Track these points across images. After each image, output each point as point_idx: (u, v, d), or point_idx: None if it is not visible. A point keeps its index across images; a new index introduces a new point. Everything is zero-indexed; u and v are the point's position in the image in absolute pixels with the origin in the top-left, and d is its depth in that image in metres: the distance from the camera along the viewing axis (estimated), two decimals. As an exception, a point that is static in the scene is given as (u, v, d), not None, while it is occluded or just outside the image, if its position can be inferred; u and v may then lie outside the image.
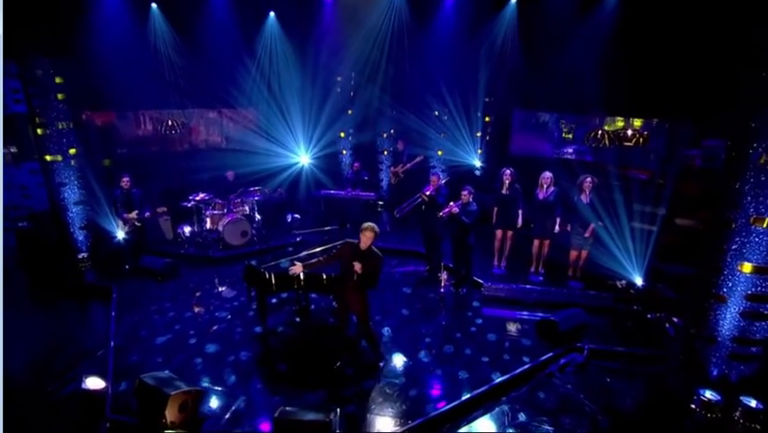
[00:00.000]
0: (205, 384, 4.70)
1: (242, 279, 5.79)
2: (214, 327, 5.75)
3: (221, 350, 5.32)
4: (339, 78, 9.77)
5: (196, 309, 5.68)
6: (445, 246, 6.83)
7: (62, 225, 6.99)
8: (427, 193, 6.77)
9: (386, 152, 10.11)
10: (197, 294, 6.68)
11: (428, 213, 6.62)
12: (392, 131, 9.82)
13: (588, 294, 6.53)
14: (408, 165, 9.17)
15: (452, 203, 6.49)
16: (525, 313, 6.24)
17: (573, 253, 6.94)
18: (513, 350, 5.35)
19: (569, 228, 6.77)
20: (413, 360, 5.18)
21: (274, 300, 6.58)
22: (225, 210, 8.27)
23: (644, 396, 4.75)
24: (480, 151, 9.61)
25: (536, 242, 7.02)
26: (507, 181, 6.92)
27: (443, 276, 6.48)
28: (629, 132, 8.08)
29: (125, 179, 7.22)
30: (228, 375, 4.83)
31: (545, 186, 6.79)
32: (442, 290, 6.46)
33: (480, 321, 5.98)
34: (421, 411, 4.40)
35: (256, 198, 8.45)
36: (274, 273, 5.41)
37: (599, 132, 8.44)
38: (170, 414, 4.14)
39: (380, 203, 9.88)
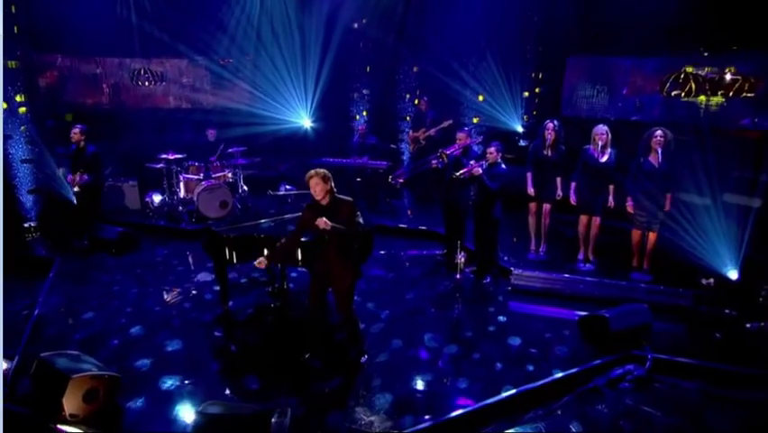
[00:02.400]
0: (133, 371, 4.41)
1: (203, 248, 5.46)
2: (169, 306, 5.57)
3: (164, 333, 5.05)
4: (355, 26, 9.59)
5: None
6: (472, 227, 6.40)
7: (6, 187, 6.86)
8: (447, 152, 6.23)
9: (408, 118, 9.79)
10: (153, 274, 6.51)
11: (451, 182, 6.13)
12: (417, 92, 9.52)
13: (656, 290, 5.68)
14: (432, 131, 8.59)
15: (473, 162, 5.96)
16: (565, 311, 5.55)
17: (637, 235, 6.06)
18: (542, 359, 4.69)
19: (629, 203, 5.91)
20: (403, 359, 4.67)
21: (244, 280, 6.27)
22: (202, 175, 8.00)
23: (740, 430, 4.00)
24: (525, 117, 9.12)
25: (583, 220, 6.24)
26: (549, 138, 6.20)
27: (461, 259, 6.10)
28: (728, 76, 6.99)
29: (76, 129, 6.91)
30: (160, 363, 4.55)
31: (600, 144, 5.96)
32: (458, 276, 6.09)
33: (502, 319, 5.41)
34: (396, 425, 3.80)
35: (242, 163, 8.08)
36: (233, 237, 4.99)
37: (683, 75, 7.38)
38: (70, 404, 3.70)
39: (400, 180, 9.48)
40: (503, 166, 5.90)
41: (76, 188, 6.93)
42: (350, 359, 4.56)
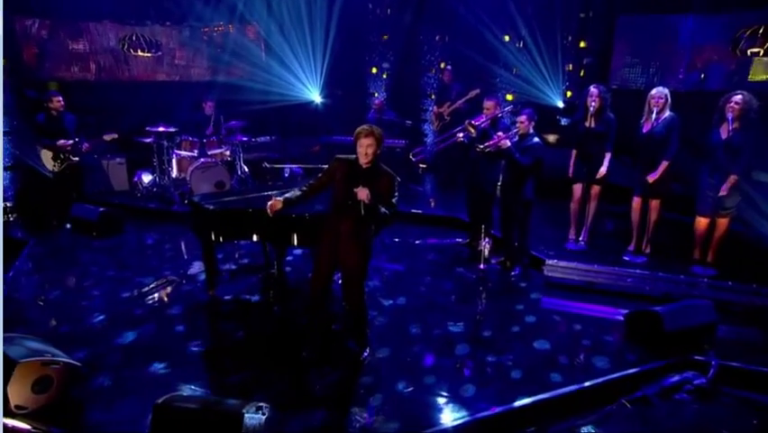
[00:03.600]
0: (96, 360, 4.24)
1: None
2: (148, 293, 5.48)
3: (139, 321, 4.92)
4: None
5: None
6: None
7: None
8: (475, 123, 5.99)
9: (432, 96, 9.72)
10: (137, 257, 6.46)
11: (477, 159, 5.95)
12: (442, 65, 9.38)
13: (723, 286, 5.24)
14: (458, 103, 8.33)
15: (501, 133, 5.66)
16: (610, 310, 5.18)
17: (702, 223, 5.61)
18: (575, 367, 4.30)
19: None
20: (409, 357, 4.40)
21: (233, 267, 6.15)
22: (196, 152, 7.87)
23: None
24: (568, 93, 8.91)
25: (636, 201, 5.84)
26: (593, 105, 5.82)
27: (486, 247, 5.87)
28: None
29: (57, 98, 6.91)
30: (129, 354, 4.41)
31: (655, 110, 5.54)
32: (482, 266, 5.85)
33: (531, 319, 5.04)
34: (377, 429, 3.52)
35: (242, 141, 7.95)
36: (219, 211, 4.78)
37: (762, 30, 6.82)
38: (16, 393, 3.51)
39: (422, 165, 9.50)
40: (536, 138, 5.62)
41: (73, 158, 6.99)
42: (351, 353, 4.32)
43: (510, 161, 5.62)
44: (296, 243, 4.66)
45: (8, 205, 7.17)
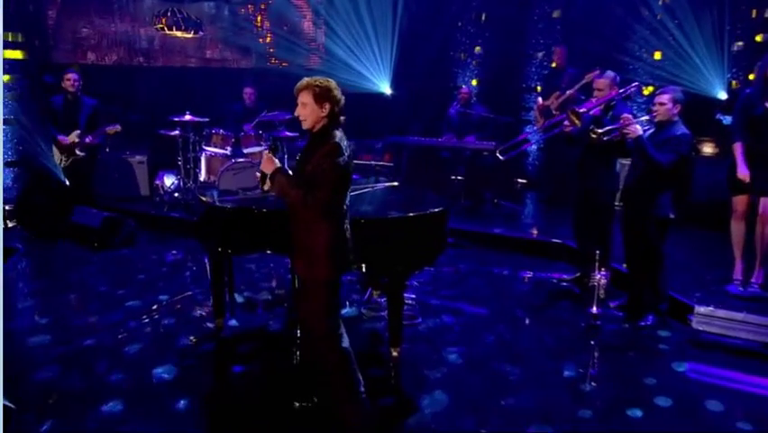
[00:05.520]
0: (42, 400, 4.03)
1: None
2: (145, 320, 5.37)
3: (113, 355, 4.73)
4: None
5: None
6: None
7: None
8: (581, 110, 5.60)
9: (539, 89, 9.34)
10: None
11: (587, 157, 5.70)
12: (554, 48, 8.93)
13: None
14: (570, 91, 7.74)
15: (627, 114, 5.15)
16: None
17: None
18: None
19: None
20: None
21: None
22: (229, 150, 7.70)
23: None
24: (734, 83, 8.30)
25: None
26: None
27: (601, 282, 5.29)
28: None
29: (71, 76, 7.02)
30: (88, 394, 4.13)
31: None
32: (593, 310, 5.26)
33: (666, 402, 4.19)
34: None
35: (287, 136, 7.78)
36: (229, 209, 4.69)
37: None
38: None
39: (521, 181, 9.42)
40: (683, 128, 5.00)
41: (79, 153, 7.09)
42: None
43: (640, 157, 5.08)
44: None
45: (7, 208, 7.27)
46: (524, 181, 9.35)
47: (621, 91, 5.75)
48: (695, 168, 7.05)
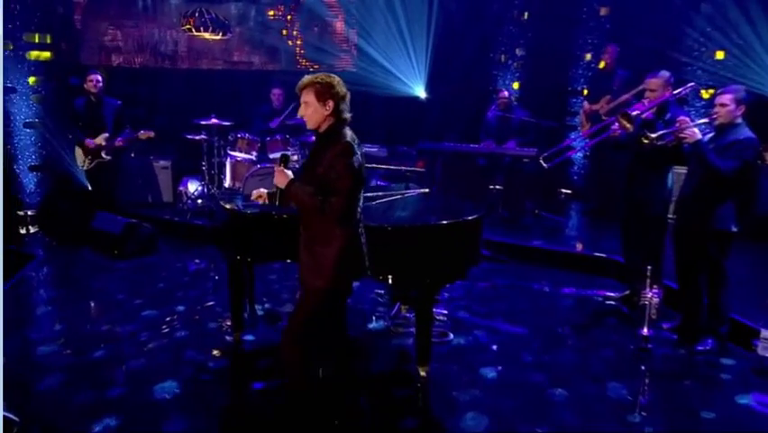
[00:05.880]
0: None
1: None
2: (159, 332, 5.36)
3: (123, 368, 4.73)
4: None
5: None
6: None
7: (2, 161, 7.32)
8: (632, 114, 5.47)
9: (586, 92, 9.17)
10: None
11: (637, 165, 5.62)
12: (605, 48, 8.72)
13: None
14: (625, 96, 7.94)
15: (684, 117, 5.00)
16: None
17: None
18: None
19: None
20: None
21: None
22: (255, 154, 7.75)
23: None
24: None
25: None
26: None
27: (653, 300, 5.15)
28: None
29: (93, 77, 7.11)
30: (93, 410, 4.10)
31: None
32: (644, 331, 5.11)
33: None
34: None
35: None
36: (250, 214, 4.72)
37: None
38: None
39: (565, 191, 9.37)
40: (747, 131, 4.81)
41: (105, 156, 7.19)
42: None
43: (698, 164, 4.89)
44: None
45: (29, 214, 7.38)
46: (568, 191, 9.24)
47: (676, 92, 5.59)
48: (761, 177, 6.80)
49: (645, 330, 5.04)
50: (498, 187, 8.15)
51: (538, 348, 5.24)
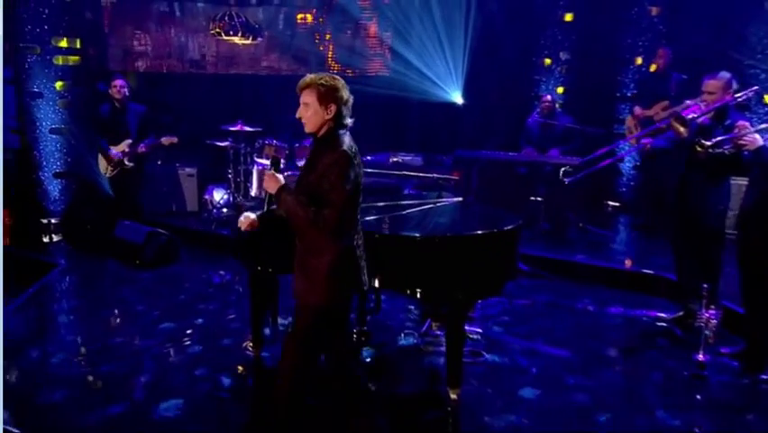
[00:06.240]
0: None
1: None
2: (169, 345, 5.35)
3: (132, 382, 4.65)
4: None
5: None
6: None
7: (27, 167, 7.25)
8: (688, 117, 5.29)
9: (634, 97, 9.06)
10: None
11: (691, 175, 5.41)
12: (661, 52, 8.47)
13: None
14: (688, 102, 7.51)
15: (743, 122, 4.85)
16: None
17: None
18: None
19: None
20: None
21: None
22: (283, 161, 7.50)
23: None
24: None
25: None
26: None
27: (711, 322, 4.88)
28: None
29: (117, 82, 7.18)
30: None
31: None
32: (700, 357, 4.87)
33: None
34: None
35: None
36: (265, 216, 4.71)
37: None
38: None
39: (612, 203, 9.28)
40: None
41: (128, 163, 7.26)
42: None
43: (761, 174, 4.77)
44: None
45: (53, 222, 7.43)
46: (616, 204, 9.15)
47: (737, 96, 5.36)
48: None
49: (701, 355, 4.79)
50: (538, 198, 7.99)
51: (581, 371, 5.03)
